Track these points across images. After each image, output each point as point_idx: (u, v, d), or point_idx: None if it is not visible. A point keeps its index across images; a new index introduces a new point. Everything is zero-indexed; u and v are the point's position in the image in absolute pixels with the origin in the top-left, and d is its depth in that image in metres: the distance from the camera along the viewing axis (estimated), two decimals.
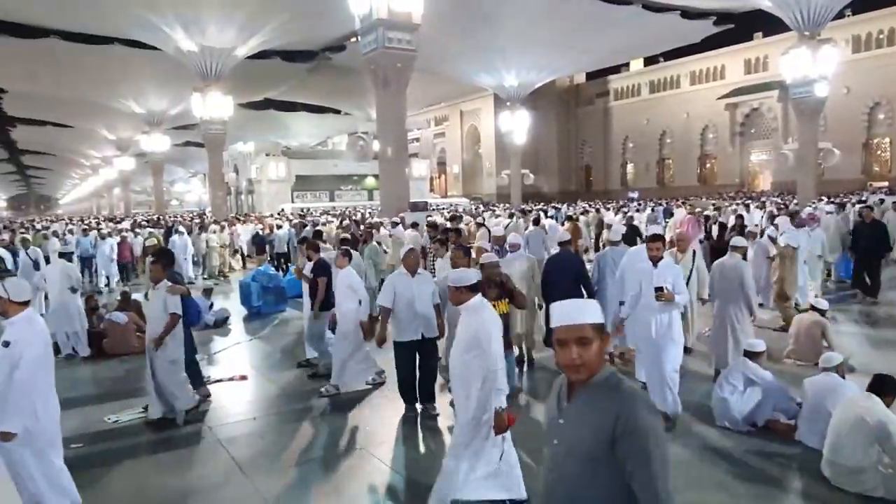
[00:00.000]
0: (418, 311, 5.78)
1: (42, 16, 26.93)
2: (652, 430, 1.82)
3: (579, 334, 1.87)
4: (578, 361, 1.87)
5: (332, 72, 35.69)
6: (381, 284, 8.81)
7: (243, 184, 48.71)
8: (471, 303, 4.18)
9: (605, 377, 1.90)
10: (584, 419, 1.88)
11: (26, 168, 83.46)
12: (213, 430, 5.94)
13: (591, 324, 1.89)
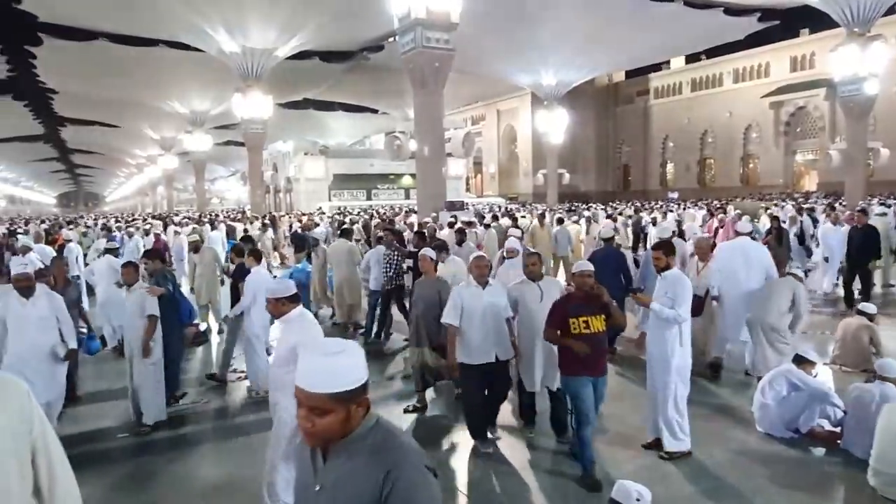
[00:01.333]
0: (491, 329, 5.01)
1: (92, 19, 27.84)
2: (425, 488, 1.61)
3: (312, 403, 1.58)
4: (310, 429, 1.61)
5: (370, 72, 36.00)
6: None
7: (282, 182, 49.48)
8: (291, 315, 3.98)
9: (364, 433, 1.64)
10: (346, 482, 1.62)
11: (75, 166, 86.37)
12: (253, 424, 6.07)
13: (331, 394, 1.57)
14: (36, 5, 25.85)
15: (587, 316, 4.45)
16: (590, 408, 4.47)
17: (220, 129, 45.10)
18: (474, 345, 5.00)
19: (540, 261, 5.33)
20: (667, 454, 4.82)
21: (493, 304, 5.03)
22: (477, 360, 5.00)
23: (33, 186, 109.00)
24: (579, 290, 4.59)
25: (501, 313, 5.05)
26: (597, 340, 4.49)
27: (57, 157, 74.05)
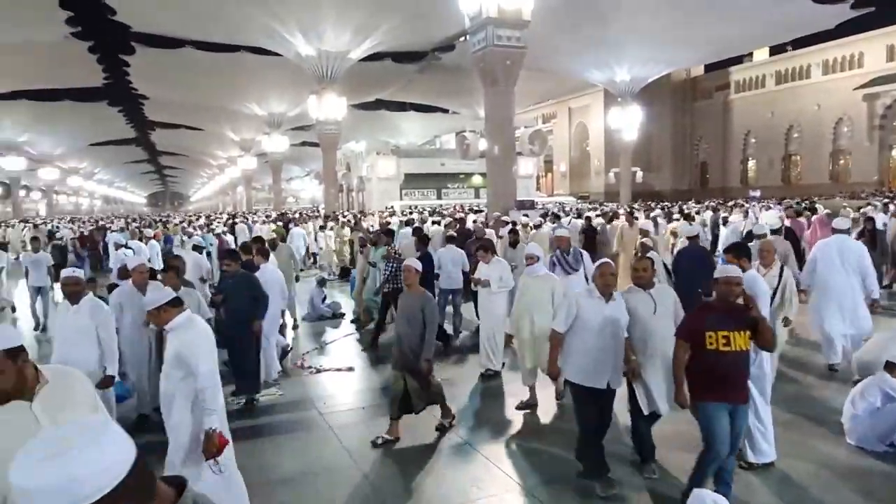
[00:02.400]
0: (609, 349, 4.31)
1: (180, 28, 29.32)
2: None
3: None
4: None
5: (441, 71, 36.24)
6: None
7: (354, 181, 50.53)
8: (177, 321, 3.79)
9: None
10: None
11: (163, 168, 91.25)
12: (325, 417, 6.26)
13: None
14: (130, 16, 27.46)
15: (729, 331, 3.79)
16: (723, 442, 3.84)
17: (295, 131, 46.56)
18: (586, 365, 4.37)
19: (652, 266, 4.67)
20: (747, 464, 4.62)
21: (615, 320, 4.33)
22: (587, 381, 4.35)
23: (126, 187, 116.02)
24: (721, 300, 3.93)
25: (621, 332, 4.37)
26: (738, 360, 3.86)
27: (147, 159, 78.45)
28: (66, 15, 26.49)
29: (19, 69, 32.97)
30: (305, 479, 4.85)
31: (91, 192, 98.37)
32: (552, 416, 6.07)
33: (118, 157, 72.72)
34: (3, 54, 29.93)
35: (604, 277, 4.41)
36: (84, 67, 33.62)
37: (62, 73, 34.84)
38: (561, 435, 5.42)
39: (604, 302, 4.35)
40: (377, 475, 4.85)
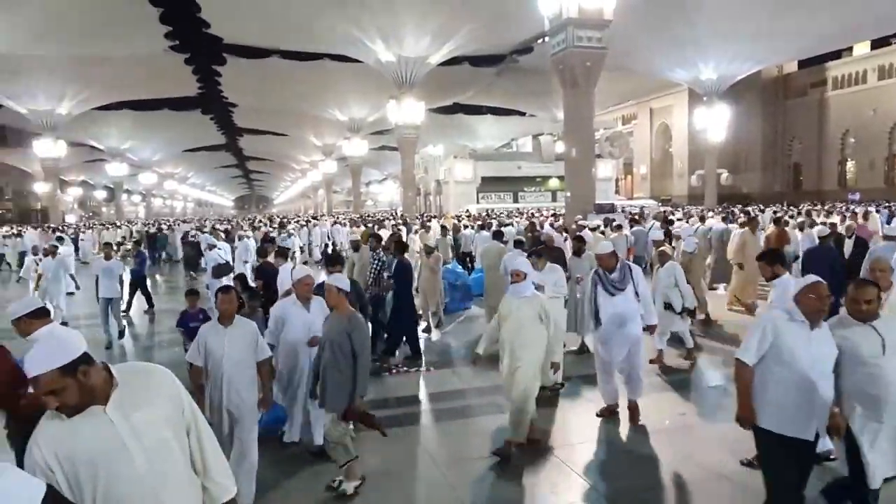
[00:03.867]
0: (816, 391, 3.38)
1: (267, 38, 30.62)
2: None
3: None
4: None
5: (519, 74, 36.09)
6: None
7: (432, 185, 51.02)
8: (40, 333, 3.53)
9: None
10: None
11: (250, 172, 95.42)
12: (405, 416, 6.34)
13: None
14: (222, 29, 28.94)
15: None
16: None
17: (375, 135, 47.57)
18: (787, 408, 3.44)
19: (878, 294, 3.57)
20: None
21: (824, 355, 3.44)
22: (788, 430, 3.43)
23: (216, 190, 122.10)
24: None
25: (829, 369, 3.46)
26: None
27: (236, 164, 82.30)
28: (166, 30, 28.21)
29: (123, 82, 35.40)
30: (386, 478, 4.91)
31: (185, 196, 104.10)
32: (628, 426, 5.89)
33: (209, 162, 76.74)
34: (110, 68, 32.25)
35: (820, 301, 3.43)
36: (180, 78, 35.70)
37: (161, 85, 37.13)
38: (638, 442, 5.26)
39: (808, 329, 3.44)
40: (455, 476, 4.85)
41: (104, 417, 2.11)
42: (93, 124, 45.49)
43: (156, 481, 2.16)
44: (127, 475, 2.11)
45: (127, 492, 2.11)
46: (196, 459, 2.37)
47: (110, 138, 51.49)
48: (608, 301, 5.82)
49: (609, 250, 6.04)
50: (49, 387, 2.02)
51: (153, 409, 2.21)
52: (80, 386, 2.05)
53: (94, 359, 2.15)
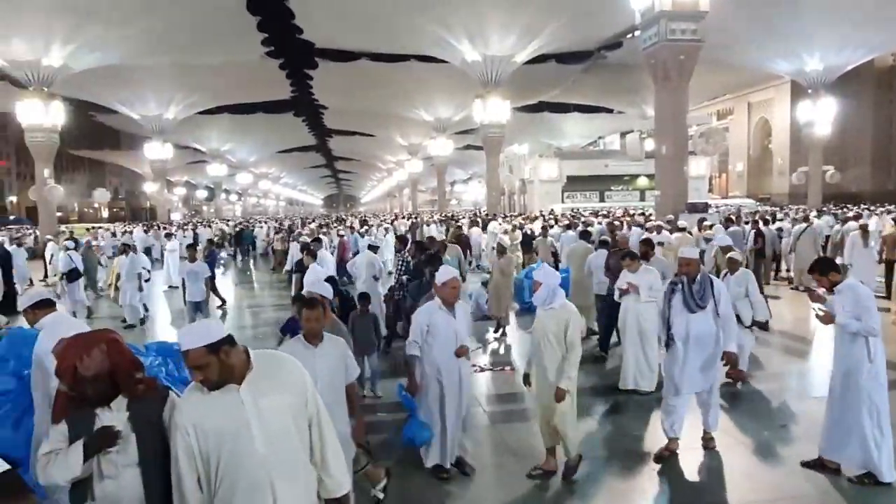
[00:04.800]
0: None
1: (356, 42, 31.44)
2: None
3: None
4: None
5: (606, 70, 35.21)
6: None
7: (517, 184, 50.74)
8: (44, 320, 3.72)
9: None
10: None
11: (338, 172, 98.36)
12: (487, 414, 6.35)
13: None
14: (314, 34, 29.97)
15: None
16: None
17: (460, 135, 47.80)
18: None
19: None
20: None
21: None
22: None
23: (306, 190, 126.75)
24: None
25: None
26: None
27: (325, 164, 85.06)
28: (262, 36, 29.53)
29: (222, 87, 37.39)
30: (477, 477, 4.90)
31: (277, 195, 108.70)
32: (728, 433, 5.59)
33: (300, 163, 79.74)
34: (212, 75, 34.15)
35: None
36: (275, 82, 37.27)
37: (257, 89, 38.93)
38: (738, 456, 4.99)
39: None
40: (584, 477, 4.78)
41: (236, 396, 2.32)
42: (196, 128, 48.31)
43: (271, 464, 2.30)
44: (246, 453, 2.29)
45: (244, 468, 2.29)
46: (315, 451, 2.49)
47: (211, 141, 54.57)
48: (685, 318, 5.01)
49: (695, 254, 5.22)
50: (196, 362, 2.28)
51: (280, 396, 2.37)
52: (221, 364, 2.29)
53: (236, 341, 2.37)
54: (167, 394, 2.64)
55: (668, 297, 5.15)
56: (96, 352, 2.44)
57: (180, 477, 2.32)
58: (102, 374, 2.41)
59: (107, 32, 25.67)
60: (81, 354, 2.43)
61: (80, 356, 2.42)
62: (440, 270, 4.75)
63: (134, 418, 2.46)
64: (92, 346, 2.47)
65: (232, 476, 2.30)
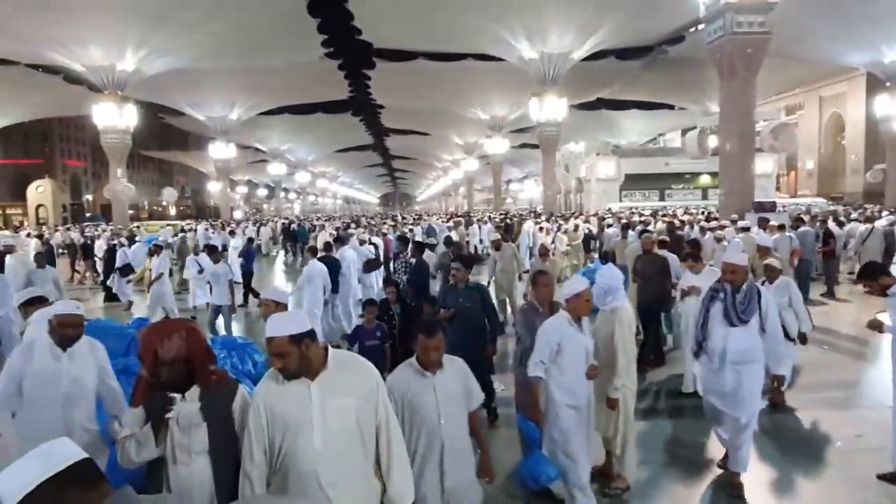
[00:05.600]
0: None
1: (414, 42, 31.70)
2: None
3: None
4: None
5: (667, 66, 34.31)
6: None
7: (573, 183, 50.11)
8: (33, 316, 3.92)
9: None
10: None
11: (394, 171, 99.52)
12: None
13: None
14: (372, 35, 30.38)
15: None
16: None
17: (516, 133, 47.56)
18: None
19: None
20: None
21: None
22: None
23: (363, 189, 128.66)
24: None
25: None
26: None
27: (381, 163, 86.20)
28: (322, 38, 30.15)
29: (283, 88, 38.36)
30: None
31: (334, 193, 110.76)
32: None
33: (357, 162, 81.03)
34: (272, 77, 35.08)
35: None
36: (333, 83, 37.99)
37: (316, 90, 39.78)
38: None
39: None
40: (645, 482, 4.70)
41: (307, 391, 2.39)
42: (257, 128, 49.73)
43: (324, 462, 2.35)
44: (304, 445, 2.36)
45: (298, 460, 2.36)
46: (382, 460, 2.51)
47: (272, 140, 56.07)
48: (724, 332, 4.41)
49: (743, 261, 4.51)
50: (278, 349, 2.35)
51: (348, 398, 2.42)
52: (301, 355, 2.36)
53: (318, 337, 2.45)
54: (237, 386, 2.73)
55: (707, 304, 4.56)
56: (176, 338, 2.56)
57: (251, 450, 2.42)
58: (179, 360, 2.51)
59: (176, 37, 26.73)
60: (162, 339, 2.55)
61: (161, 340, 2.55)
62: (571, 281, 4.11)
63: (206, 408, 2.55)
64: (172, 333, 2.59)
65: (287, 464, 2.38)
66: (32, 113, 44.22)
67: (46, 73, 32.81)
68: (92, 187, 77.92)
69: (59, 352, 3.43)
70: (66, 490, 1.37)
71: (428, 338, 3.02)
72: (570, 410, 3.97)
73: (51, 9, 22.91)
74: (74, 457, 1.42)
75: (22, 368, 3.37)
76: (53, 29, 24.53)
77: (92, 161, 79.88)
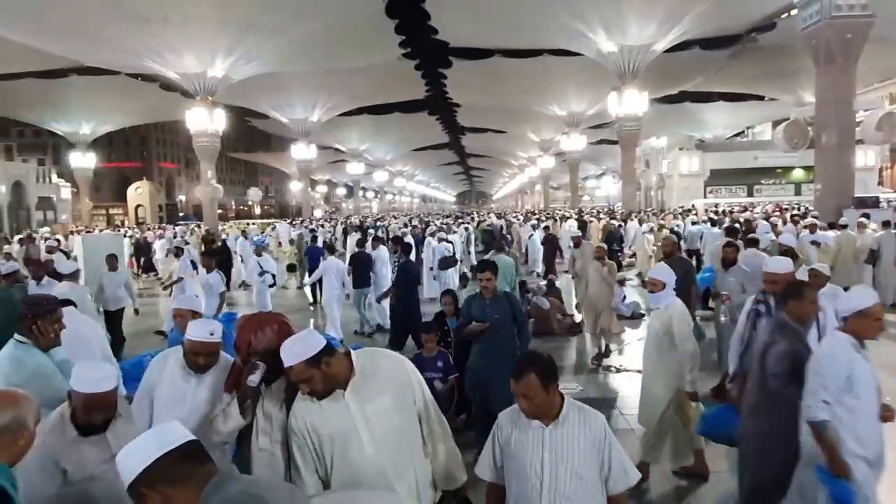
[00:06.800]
0: None
1: (489, 39, 31.61)
2: None
3: None
4: None
5: (757, 55, 32.62)
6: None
7: (653, 179, 48.62)
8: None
9: None
10: None
11: (470, 169, 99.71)
12: (625, 417, 6.15)
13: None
14: (448, 34, 30.53)
15: None
16: None
17: (593, 129, 46.55)
18: None
19: None
20: None
21: None
22: None
23: (439, 187, 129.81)
24: None
25: None
26: None
27: (457, 161, 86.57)
28: (399, 39, 30.59)
29: (362, 89, 39.19)
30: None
31: (411, 192, 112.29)
32: None
33: (433, 160, 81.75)
34: (352, 79, 35.94)
35: None
36: (410, 83, 38.46)
37: (394, 90, 40.39)
38: None
39: None
40: (688, 487, 4.53)
41: (343, 403, 2.40)
42: (336, 129, 51.05)
43: (382, 464, 2.39)
44: (357, 455, 2.38)
45: (356, 468, 2.38)
46: (428, 444, 2.57)
47: (351, 141, 57.44)
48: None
49: (787, 267, 3.90)
50: (299, 376, 2.36)
51: (384, 398, 2.43)
52: (324, 375, 2.36)
53: (335, 349, 2.44)
54: None
55: (753, 320, 3.99)
56: (268, 330, 2.66)
57: (298, 472, 2.46)
58: (270, 351, 2.59)
59: (261, 44, 27.83)
60: (256, 330, 2.67)
61: (255, 331, 2.66)
62: (856, 293, 3.34)
63: (289, 399, 2.64)
64: (266, 325, 2.70)
65: (343, 471, 2.41)
66: (132, 119, 47.50)
67: (144, 82, 34.99)
68: (184, 188, 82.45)
69: (189, 372, 3.08)
70: (179, 465, 1.57)
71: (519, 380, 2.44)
72: (863, 465, 3.15)
73: (150, 21, 24.35)
74: (185, 437, 1.62)
75: (154, 380, 3.13)
76: (152, 40, 26.07)
77: (184, 163, 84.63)
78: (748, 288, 6.25)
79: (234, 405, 2.64)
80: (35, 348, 3.37)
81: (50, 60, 30.50)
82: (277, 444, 2.61)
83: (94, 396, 2.44)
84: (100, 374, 2.48)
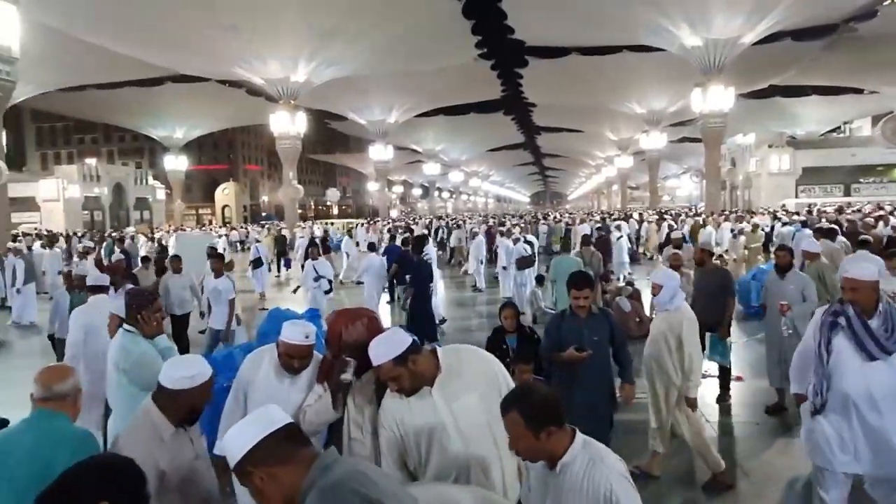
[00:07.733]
0: None
1: (567, 37, 31.19)
2: None
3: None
4: None
5: (855, 45, 30.66)
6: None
7: (740, 178, 46.56)
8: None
9: None
10: None
11: (545, 169, 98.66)
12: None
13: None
14: (525, 33, 30.37)
15: None
16: None
17: (674, 127, 45.12)
18: None
19: None
20: None
21: None
22: None
23: (514, 187, 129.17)
24: None
25: None
26: None
27: (532, 161, 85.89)
28: (476, 39, 30.68)
29: (438, 90, 39.56)
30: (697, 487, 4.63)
31: (486, 193, 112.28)
32: None
33: (508, 160, 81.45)
34: (428, 79, 36.32)
35: None
36: (486, 83, 38.51)
37: (469, 91, 40.57)
38: None
39: None
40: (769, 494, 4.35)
41: (430, 400, 2.46)
42: (413, 130, 51.78)
43: (472, 459, 2.43)
44: (446, 450, 2.43)
45: (445, 463, 2.43)
46: None
47: (427, 141, 58.12)
48: (858, 368, 3.26)
49: (871, 274, 3.35)
50: (388, 374, 2.43)
51: (469, 395, 2.48)
52: (411, 373, 2.41)
53: (421, 347, 2.48)
54: None
55: (828, 334, 3.36)
56: (359, 324, 2.77)
57: (387, 465, 2.52)
58: (359, 345, 2.68)
59: (343, 49, 28.64)
60: (347, 323, 2.78)
61: (346, 325, 2.78)
62: None
63: (378, 394, 2.73)
64: (356, 319, 2.80)
65: (432, 466, 2.47)
66: (221, 123, 50.07)
67: (232, 88, 36.79)
68: (267, 189, 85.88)
69: (283, 372, 3.04)
70: (283, 445, 1.68)
71: None
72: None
73: (238, 30, 25.58)
74: (285, 419, 1.73)
75: (248, 377, 3.10)
76: (241, 48, 27.38)
77: (267, 165, 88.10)
78: (809, 296, 5.90)
79: (326, 398, 2.74)
80: (140, 336, 3.66)
81: (148, 70, 32.61)
82: (368, 435, 2.71)
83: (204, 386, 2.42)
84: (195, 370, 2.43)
